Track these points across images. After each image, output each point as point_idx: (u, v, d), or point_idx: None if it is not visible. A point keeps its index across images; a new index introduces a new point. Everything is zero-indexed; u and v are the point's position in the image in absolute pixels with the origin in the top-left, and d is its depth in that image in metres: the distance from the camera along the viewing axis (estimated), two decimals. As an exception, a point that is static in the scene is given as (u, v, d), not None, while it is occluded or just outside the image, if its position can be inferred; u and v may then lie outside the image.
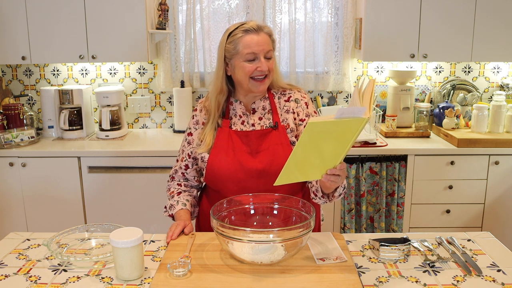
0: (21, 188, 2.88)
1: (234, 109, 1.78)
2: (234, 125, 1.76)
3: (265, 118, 1.76)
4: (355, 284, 1.31)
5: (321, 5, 3.23)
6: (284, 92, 1.81)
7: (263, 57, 1.67)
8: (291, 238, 1.37)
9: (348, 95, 3.39)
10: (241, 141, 1.72)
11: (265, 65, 1.66)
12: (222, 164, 1.69)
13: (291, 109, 1.77)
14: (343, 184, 1.62)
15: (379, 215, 2.92)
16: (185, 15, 3.22)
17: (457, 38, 2.97)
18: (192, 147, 1.79)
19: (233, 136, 1.73)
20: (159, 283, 1.33)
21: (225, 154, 1.70)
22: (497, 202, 2.89)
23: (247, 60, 1.67)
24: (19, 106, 3.08)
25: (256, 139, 1.72)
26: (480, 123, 2.97)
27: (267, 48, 1.67)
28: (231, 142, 1.72)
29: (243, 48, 1.66)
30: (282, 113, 1.77)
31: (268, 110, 1.78)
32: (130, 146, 2.96)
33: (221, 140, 1.72)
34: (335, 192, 1.61)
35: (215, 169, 1.70)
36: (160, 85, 3.33)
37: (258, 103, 1.78)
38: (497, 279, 1.37)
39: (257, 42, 1.66)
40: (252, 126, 1.75)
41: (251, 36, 1.66)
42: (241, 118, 1.77)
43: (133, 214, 2.90)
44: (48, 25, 2.95)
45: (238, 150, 1.71)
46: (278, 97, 1.80)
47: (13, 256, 1.54)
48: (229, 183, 1.70)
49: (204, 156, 1.73)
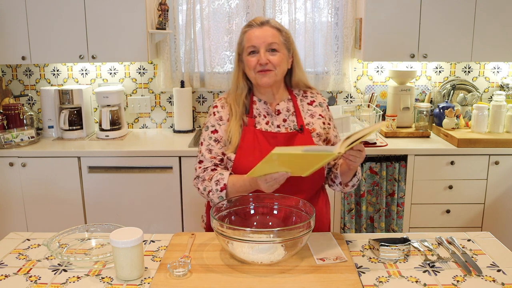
0: (21, 188, 2.88)
1: (258, 109, 1.77)
2: (259, 124, 1.74)
3: (289, 120, 1.76)
4: (355, 284, 1.31)
5: (321, 5, 3.23)
6: (305, 94, 1.82)
7: (265, 49, 1.67)
8: (291, 238, 1.37)
9: (348, 95, 3.39)
10: (268, 142, 1.70)
11: (264, 57, 1.66)
12: (249, 164, 1.63)
13: (317, 114, 1.79)
14: (358, 176, 1.72)
15: (379, 215, 2.92)
16: (185, 15, 3.22)
17: (457, 38, 2.97)
18: (222, 146, 1.73)
19: (259, 136, 1.71)
20: (159, 283, 1.33)
21: (252, 155, 1.67)
22: (497, 202, 2.89)
23: (249, 54, 1.69)
24: (19, 106, 3.08)
25: (284, 141, 1.70)
26: (480, 123, 2.97)
27: (269, 41, 1.67)
28: (257, 142, 1.69)
29: (246, 42, 1.70)
30: (306, 116, 1.77)
31: (292, 112, 1.77)
32: (130, 146, 2.96)
33: (247, 140, 1.70)
34: (350, 181, 1.71)
35: (242, 170, 1.66)
36: (160, 85, 3.33)
37: (282, 104, 1.77)
38: (497, 279, 1.37)
39: (257, 35, 1.68)
40: (277, 128, 1.74)
41: (253, 30, 1.70)
42: (266, 118, 1.75)
43: (133, 214, 2.90)
44: (48, 25, 2.95)
45: (265, 151, 1.65)
46: (300, 99, 1.81)
47: (13, 256, 1.54)
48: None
49: (230, 156, 1.70)
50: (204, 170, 1.72)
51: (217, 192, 1.64)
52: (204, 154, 1.73)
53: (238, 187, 1.63)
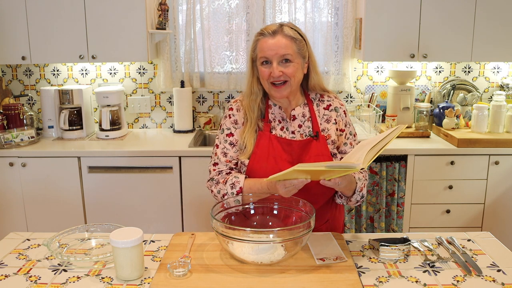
0: (21, 188, 2.88)
1: (273, 113, 1.74)
2: (274, 129, 1.72)
3: (304, 126, 1.73)
4: (355, 284, 1.31)
5: (321, 5, 3.23)
6: (322, 98, 1.77)
7: (277, 61, 1.62)
8: (291, 238, 1.37)
9: (348, 95, 3.39)
10: (283, 148, 1.67)
11: (277, 71, 1.62)
12: (262, 170, 1.64)
13: (332, 119, 1.74)
14: (362, 193, 1.67)
15: (379, 215, 2.92)
16: (185, 15, 3.22)
17: (457, 38, 2.97)
18: (237, 150, 1.72)
19: (274, 142, 1.68)
20: (159, 283, 1.33)
21: (266, 161, 1.65)
22: (497, 202, 2.89)
23: (262, 64, 1.65)
24: (19, 106, 3.08)
25: (299, 148, 1.68)
26: (480, 123, 2.97)
27: (282, 52, 1.61)
28: (272, 148, 1.67)
29: (258, 52, 1.66)
30: (322, 122, 1.74)
31: (308, 117, 1.73)
32: (130, 146, 2.96)
33: (261, 146, 1.68)
34: (352, 197, 1.68)
35: (255, 175, 1.65)
36: (160, 85, 3.33)
37: (298, 109, 1.73)
38: (497, 279, 1.37)
39: (269, 46, 1.62)
40: (292, 134, 1.72)
41: (266, 39, 1.63)
42: (281, 123, 1.73)
43: (133, 214, 2.90)
44: (48, 25, 2.95)
45: (279, 158, 1.66)
46: (317, 104, 1.76)
47: (13, 256, 1.54)
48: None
49: (244, 162, 1.69)
50: (219, 173, 1.70)
51: (233, 195, 1.62)
52: (220, 157, 1.72)
53: (255, 190, 1.62)
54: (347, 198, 1.70)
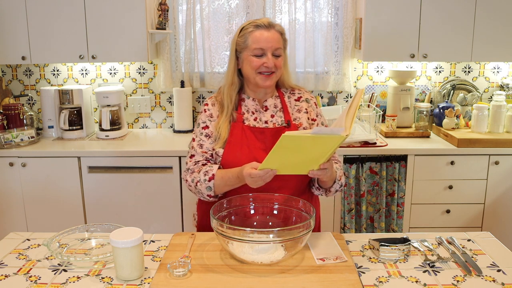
0: (21, 188, 2.88)
1: (247, 105, 1.79)
2: (247, 120, 1.77)
3: (277, 116, 1.79)
4: (355, 284, 1.31)
5: (321, 5, 3.23)
6: (293, 91, 1.86)
7: (271, 54, 1.70)
8: (291, 238, 1.37)
9: (348, 95, 3.39)
10: (256, 137, 1.73)
11: (272, 62, 1.69)
12: (237, 160, 1.68)
13: (303, 108, 1.82)
14: (340, 182, 1.72)
15: (379, 215, 2.92)
16: (185, 15, 3.22)
17: (457, 38, 2.97)
18: (212, 141, 1.76)
19: (247, 131, 1.73)
20: (159, 283, 1.33)
21: (240, 150, 1.70)
22: (497, 202, 2.89)
23: (255, 55, 1.70)
24: (19, 106, 3.08)
25: (271, 136, 1.73)
26: (480, 123, 2.97)
27: (276, 46, 1.70)
28: (245, 137, 1.72)
29: (252, 42, 1.70)
30: (293, 112, 1.80)
31: (280, 108, 1.80)
32: (130, 146, 2.96)
33: (235, 135, 1.73)
34: (331, 187, 1.72)
35: (230, 164, 1.69)
36: (160, 85, 3.33)
37: (270, 100, 1.80)
38: (497, 279, 1.37)
39: (266, 38, 1.69)
40: (265, 123, 1.77)
41: (261, 31, 1.71)
42: (254, 114, 1.78)
43: (133, 214, 2.90)
44: (48, 25, 2.95)
45: (252, 146, 1.71)
46: (288, 96, 1.84)
47: (13, 256, 1.54)
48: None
49: (218, 151, 1.72)
50: (195, 163, 1.75)
51: (205, 182, 1.66)
52: (196, 149, 1.76)
53: (227, 179, 1.65)
54: (325, 190, 1.74)
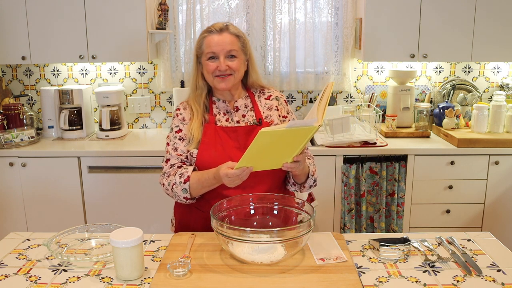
0: (21, 188, 2.88)
1: (218, 108, 1.83)
2: (219, 121, 1.80)
3: (248, 115, 1.82)
4: (355, 284, 1.31)
5: (321, 5, 3.23)
6: (262, 91, 1.90)
7: (224, 56, 1.73)
8: (291, 238, 1.37)
9: (348, 95, 3.39)
10: (229, 136, 1.75)
11: (224, 64, 1.73)
12: (211, 159, 1.70)
13: (274, 106, 1.86)
14: (314, 177, 1.77)
15: (379, 215, 2.92)
16: (185, 15, 3.22)
17: (457, 38, 2.97)
18: (186, 144, 1.78)
19: (219, 132, 1.76)
20: (159, 283, 1.33)
21: (214, 150, 1.72)
22: (497, 202, 2.89)
23: (209, 59, 1.75)
24: (19, 106, 3.08)
25: (244, 134, 1.76)
26: (480, 123, 2.97)
27: (228, 48, 1.73)
28: (219, 137, 1.75)
29: (205, 47, 1.76)
30: (264, 110, 1.84)
31: (250, 107, 1.84)
32: (130, 146, 2.96)
33: (208, 136, 1.75)
34: (305, 183, 1.76)
35: (205, 164, 1.71)
36: (160, 85, 3.33)
37: (240, 101, 1.84)
38: (497, 279, 1.37)
39: (217, 42, 1.73)
40: (237, 123, 1.80)
41: (213, 36, 1.75)
42: (225, 115, 1.81)
43: (133, 214, 2.90)
44: (48, 25, 2.95)
45: (226, 145, 1.74)
46: (258, 95, 1.88)
47: (13, 256, 1.54)
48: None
49: (193, 152, 1.75)
50: (171, 166, 1.76)
51: (181, 184, 1.67)
52: (171, 152, 1.79)
53: (203, 181, 1.66)
54: (300, 185, 1.78)
